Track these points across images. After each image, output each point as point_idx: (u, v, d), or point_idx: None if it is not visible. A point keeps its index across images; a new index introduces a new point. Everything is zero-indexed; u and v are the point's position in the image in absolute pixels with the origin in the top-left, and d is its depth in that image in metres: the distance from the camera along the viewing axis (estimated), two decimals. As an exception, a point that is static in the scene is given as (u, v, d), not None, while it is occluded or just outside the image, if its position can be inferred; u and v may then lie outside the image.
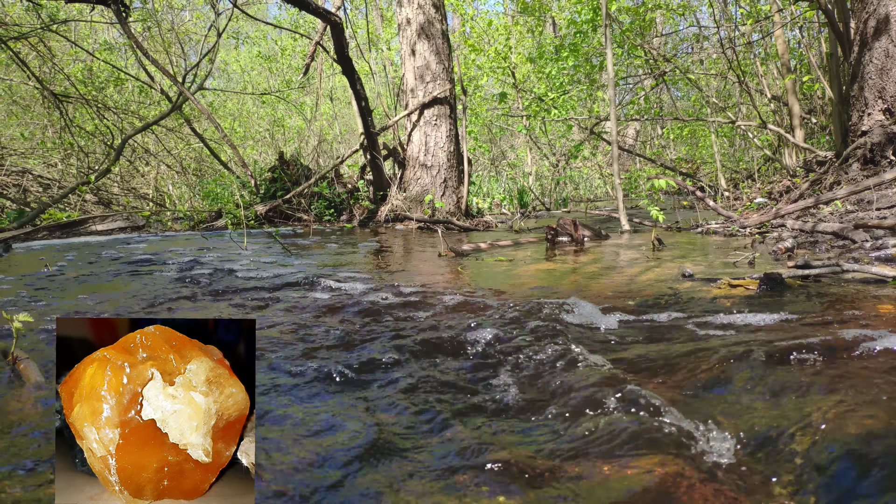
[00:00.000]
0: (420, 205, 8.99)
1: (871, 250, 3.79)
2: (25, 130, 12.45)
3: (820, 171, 7.20)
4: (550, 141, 15.55)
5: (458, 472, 1.18)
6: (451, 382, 1.69)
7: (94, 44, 13.92)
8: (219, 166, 13.19)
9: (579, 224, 5.84)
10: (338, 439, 1.34)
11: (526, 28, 17.37)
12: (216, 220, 9.42)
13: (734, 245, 4.92)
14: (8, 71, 12.08)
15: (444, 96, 9.25)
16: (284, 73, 20.42)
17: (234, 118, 18.55)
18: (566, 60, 13.42)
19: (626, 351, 1.90)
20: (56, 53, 11.39)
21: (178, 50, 13.23)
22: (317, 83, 18.47)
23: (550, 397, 1.54)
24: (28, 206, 10.09)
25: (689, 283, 3.09)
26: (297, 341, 2.18)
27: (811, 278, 2.90)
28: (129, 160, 13.23)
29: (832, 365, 1.59)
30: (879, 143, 6.39)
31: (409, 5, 9.30)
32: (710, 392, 1.50)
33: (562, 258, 4.65)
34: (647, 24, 12.46)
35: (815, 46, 11.43)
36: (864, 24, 6.57)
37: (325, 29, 8.72)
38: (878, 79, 6.46)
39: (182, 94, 10.07)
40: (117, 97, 13.34)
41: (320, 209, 9.72)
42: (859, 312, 2.20)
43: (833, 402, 1.33)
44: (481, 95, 16.60)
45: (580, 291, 3.03)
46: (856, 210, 5.41)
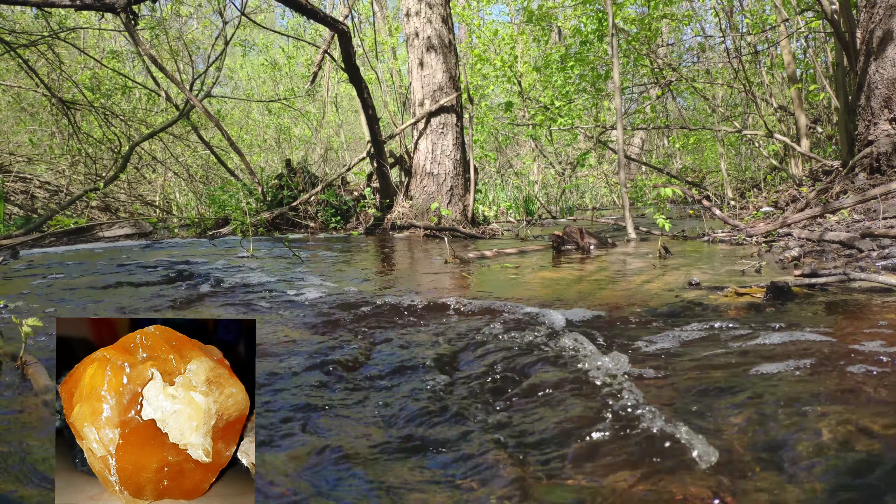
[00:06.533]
0: (426, 213, 9.00)
1: (878, 259, 3.77)
2: (33, 137, 12.52)
3: (826, 180, 7.18)
4: (556, 149, 15.55)
5: (459, 480, 1.17)
6: (453, 389, 1.68)
7: (102, 52, 13.99)
8: (226, 174, 13.23)
9: (585, 232, 5.83)
10: (338, 443, 1.33)
11: (532, 37, 17.41)
12: (223, 226, 9.45)
13: (741, 254, 4.90)
14: (17, 78, 12.16)
15: (450, 105, 9.27)
16: (290, 82, 20.49)
17: (241, 126, 18.61)
18: (572, 70, 13.44)
19: (630, 359, 1.89)
20: (64, 61, 11.46)
21: (185, 58, 13.28)
22: (323, 91, 18.54)
23: (554, 406, 1.52)
24: (35, 212, 10.14)
25: (695, 291, 3.08)
26: (298, 345, 2.17)
27: (818, 287, 2.89)
28: (137, 167, 13.28)
29: (839, 374, 1.58)
30: (886, 153, 6.37)
31: (416, 17, 9.33)
32: (715, 401, 1.49)
33: (568, 266, 4.63)
34: (653, 34, 12.47)
35: (821, 56, 11.42)
36: (871, 35, 6.56)
37: (332, 38, 8.76)
38: (885, 89, 6.45)
39: (189, 102, 10.12)
40: (125, 105, 13.40)
41: (327, 217, 9.74)
42: (866, 321, 2.18)
43: (840, 412, 1.32)
44: (487, 104, 16.62)
45: (586, 299, 3.02)
46: (862, 219, 5.38)
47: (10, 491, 1.10)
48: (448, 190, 9.22)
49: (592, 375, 1.64)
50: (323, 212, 9.77)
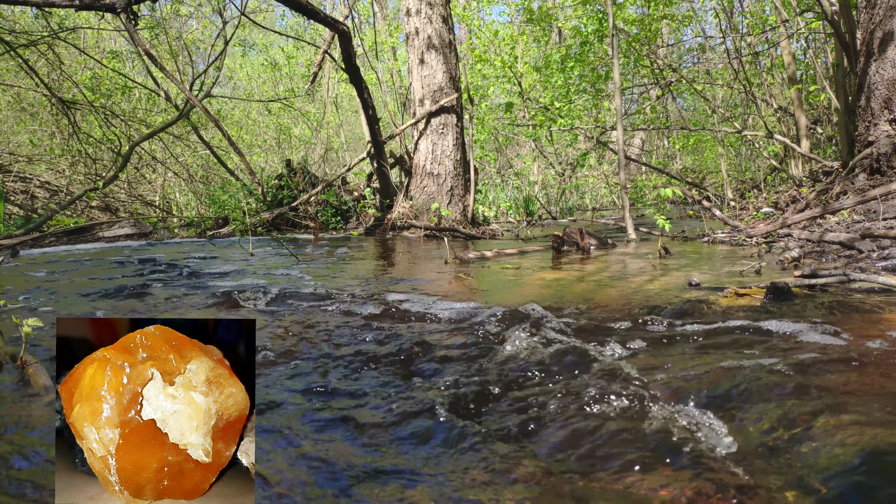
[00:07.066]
0: (426, 213, 8.99)
1: (878, 260, 3.77)
2: (33, 137, 12.51)
3: (826, 181, 7.18)
4: (557, 150, 15.55)
5: (467, 484, 1.17)
6: (455, 391, 1.67)
7: (102, 52, 13.98)
8: (226, 174, 13.22)
9: (585, 233, 5.83)
10: (338, 444, 1.33)
11: (532, 38, 17.40)
12: (223, 226, 9.45)
13: (741, 254, 4.90)
14: (17, 78, 12.16)
15: (450, 105, 9.27)
16: (290, 82, 20.47)
17: (241, 126, 18.60)
18: (572, 70, 13.43)
19: (631, 360, 1.89)
20: (64, 61, 11.46)
21: (185, 58, 13.28)
22: (323, 91, 18.53)
23: (559, 408, 1.52)
24: (35, 212, 10.14)
25: (695, 292, 3.08)
26: (298, 346, 2.17)
27: (818, 288, 2.89)
28: (136, 167, 13.28)
29: (840, 375, 1.58)
30: (886, 154, 6.37)
31: (416, 16, 9.33)
32: (716, 402, 1.49)
33: (568, 267, 4.63)
34: (653, 35, 12.47)
35: (821, 57, 11.42)
36: (871, 36, 6.56)
37: (332, 38, 8.75)
38: (885, 89, 6.45)
39: (189, 102, 10.12)
40: (125, 105, 13.39)
41: (327, 217, 9.74)
42: (866, 322, 2.18)
43: (841, 413, 1.32)
44: (487, 105, 16.62)
45: (587, 300, 3.02)
46: (862, 220, 5.38)
47: (10, 491, 1.10)
48: (448, 190, 9.22)
49: (593, 375, 1.64)
50: (323, 212, 9.77)
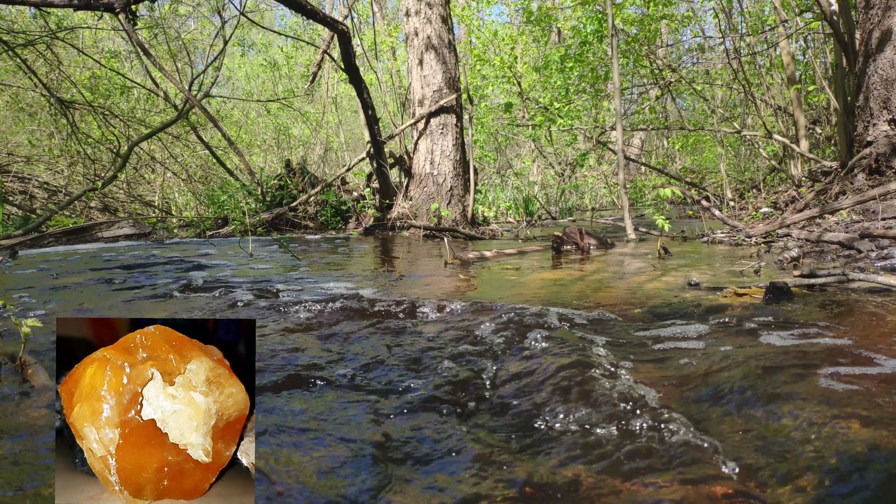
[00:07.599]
0: (426, 213, 8.99)
1: (877, 260, 3.77)
2: (32, 137, 12.51)
3: (825, 181, 7.18)
4: (556, 150, 15.55)
5: (470, 485, 1.17)
6: (455, 391, 1.67)
7: (100, 52, 13.97)
8: (225, 174, 13.22)
9: (585, 233, 5.83)
10: (339, 444, 1.33)
11: (531, 38, 17.41)
12: (222, 227, 9.45)
13: (740, 254, 4.90)
14: (15, 78, 12.15)
15: (450, 105, 9.26)
16: (289, 82, 20.47)
17: (240, 126, 18.60)
18: (571, 71, 13.44)
19: (631, 361, 1.89)
20: (63, 61, 11.45)
21: (184, 58, 13.28)
22: (323, 91, 18.53)
23: (558, 408, 1.52)
24: (34, 212, 10.13)
25: (695, 291, 3.08)
26: (299, 346, 2.17)
27: (817, 287, 2.89)
28: (135, 167, 13.27)
29: (840, 375, 1.58)
30: (885, 154, 6.38)
31: (416, 16, 9.32)
32: (716, 403, 1.49)
33: (568, 267, 4.63)
34: (652, 35, 12.47)
35: (820, 57, 11.43)
36: (869, 36, 6.57)
37: (332, 38, 8.75)
38: (884, 89, 6.45)
39: (188, 102, 10.12)
40: (123, 105, 13.39)
41: (327, 217, 9.74)
42: (865, 322, 2.18)
43: (842, 413, 1.32)
44: (487, 105, 16.62)
45: (586, 300, 3.02)
46: (861, 220, 5.39)
47: (10, 491, 1.10)
48: (448, 190, 9.21)
49: (593, 375, 1.64)
50: (322, 212, 9.77)
